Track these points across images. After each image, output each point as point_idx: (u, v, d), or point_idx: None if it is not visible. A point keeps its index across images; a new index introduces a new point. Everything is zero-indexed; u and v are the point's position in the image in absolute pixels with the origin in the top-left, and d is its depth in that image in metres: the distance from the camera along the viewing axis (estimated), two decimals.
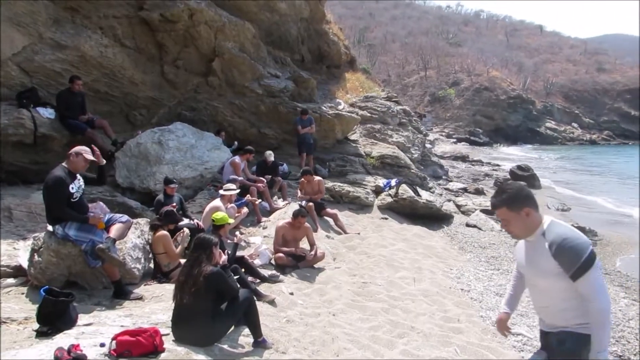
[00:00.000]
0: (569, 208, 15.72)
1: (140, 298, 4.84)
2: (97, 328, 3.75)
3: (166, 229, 5.53)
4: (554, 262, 2.41)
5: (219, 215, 5.61)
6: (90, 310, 4.34)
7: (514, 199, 2.53)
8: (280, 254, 6.44)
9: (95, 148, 4.83)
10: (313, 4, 13.93)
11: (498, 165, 28.83)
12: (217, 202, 6.98)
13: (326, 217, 8.88)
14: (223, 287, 3.73)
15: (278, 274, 6.08)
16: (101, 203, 5.40)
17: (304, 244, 6.83)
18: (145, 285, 5.30)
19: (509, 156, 38.38)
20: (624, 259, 10.27)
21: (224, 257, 4.45)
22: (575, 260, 2.35)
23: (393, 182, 10.88)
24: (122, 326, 3.76)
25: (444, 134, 55.09)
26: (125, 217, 5.07)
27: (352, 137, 13.20)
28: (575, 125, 73.93)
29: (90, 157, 4.70)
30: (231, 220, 6.16)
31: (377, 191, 10.84)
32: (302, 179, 9.12)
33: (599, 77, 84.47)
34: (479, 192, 16.15)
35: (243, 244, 6.75)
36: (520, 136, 65.66)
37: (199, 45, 10.32)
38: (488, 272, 7.50)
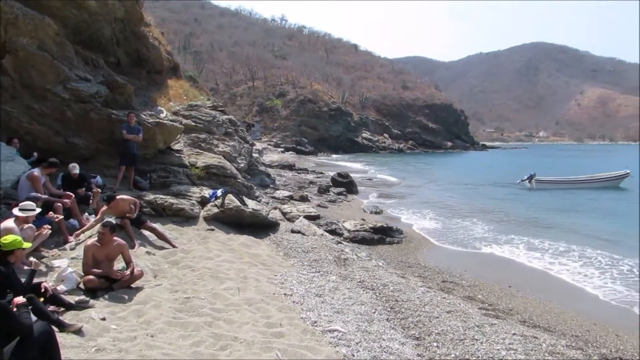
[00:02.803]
0: (381, 211, 17.69)
1: None
2: None
3: None
4: None
5: (8, 238, 4.80)
6: None
7: None
8: (90, 277, 5.83)
9: None
10: (129, 4, 13.05)
11: (322, 173, 30.95)
12: (8, 222, 5.98)
13: (146, 233, 8.35)
14: (8, 324, 3.20)
15: (88, 298, 5.50)
16: None
17: (120, 263, 6.32)
18: None
19: (332, 164, 41.38)
20: (423, 253, 11.99)
21: (19, 298, 3.79)
22: None
23: (219, 192, 10.76)
24: None
25: (272, 143, 56.92)
26: None
27: (176, 147, 12.68)
28: (386, 135, 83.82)
29: None
30: (28, 244, 5.35)
31: (203, 202, 10.59)
32: (107, 207, 7.88)
33: (403, 93, 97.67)
34: (303, 199, 17.06)
35: (43, 268, 5.94)
36: (341, 145, 71.78)
37: None
38: (310, 274, 7.92)
